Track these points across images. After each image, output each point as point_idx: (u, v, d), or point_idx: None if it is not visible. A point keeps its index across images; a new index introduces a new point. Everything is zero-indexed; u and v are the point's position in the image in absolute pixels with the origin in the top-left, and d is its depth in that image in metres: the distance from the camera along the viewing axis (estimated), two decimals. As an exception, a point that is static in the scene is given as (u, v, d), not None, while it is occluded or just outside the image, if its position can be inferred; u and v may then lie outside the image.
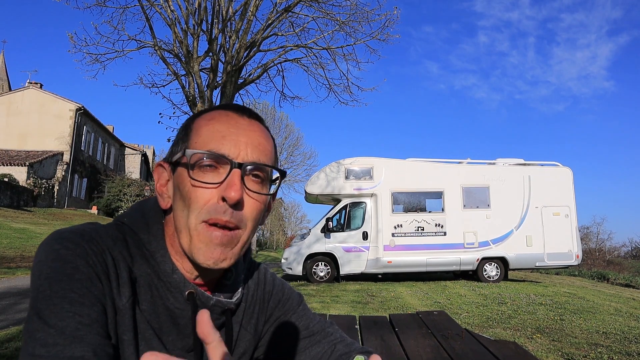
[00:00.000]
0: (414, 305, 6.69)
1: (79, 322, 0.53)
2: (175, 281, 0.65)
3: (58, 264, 0.56)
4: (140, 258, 0.65)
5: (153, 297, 0.64)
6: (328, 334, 0.85)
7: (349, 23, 9.02)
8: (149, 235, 0.67)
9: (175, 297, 0.65)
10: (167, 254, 0.66)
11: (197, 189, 0.61)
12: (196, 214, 0.61)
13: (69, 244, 0.59)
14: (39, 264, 0.57)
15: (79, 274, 0.57)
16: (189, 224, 0.62)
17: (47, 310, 0.53)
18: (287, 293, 0.86)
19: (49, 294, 0.54)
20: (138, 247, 0.66)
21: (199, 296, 0.66)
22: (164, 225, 0.69)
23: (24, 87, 28.04)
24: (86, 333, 0.53)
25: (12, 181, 22.20)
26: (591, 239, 33.78)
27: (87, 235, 0.61)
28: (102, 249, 0.61)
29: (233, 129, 0.64)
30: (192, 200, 0.61)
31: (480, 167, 11.72)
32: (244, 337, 0.77)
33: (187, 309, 0.65)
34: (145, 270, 0.65)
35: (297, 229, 53.21)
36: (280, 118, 28.88)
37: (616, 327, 5.28)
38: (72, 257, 0.58)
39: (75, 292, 0.55)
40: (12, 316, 5.19)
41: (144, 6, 8.30)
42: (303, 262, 10.88)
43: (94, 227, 0.64)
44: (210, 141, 0.63)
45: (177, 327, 0.66)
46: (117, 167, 35.97)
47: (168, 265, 0.65)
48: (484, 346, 1.89)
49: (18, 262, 10.59)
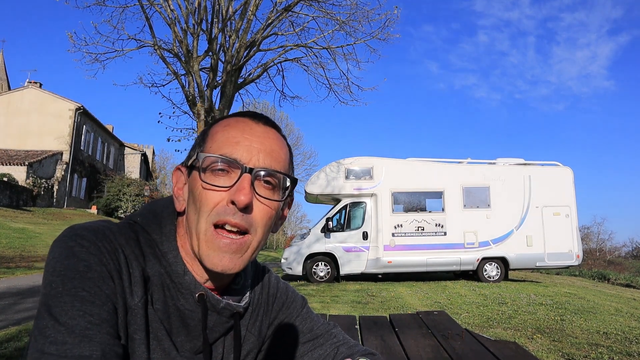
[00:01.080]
0: (414, 305, 6.69)
1: (89, 322, 0.54)
2: (186, 283, 0.65)
3: (71, 262, 0.57)
4: (152, 258, 0.66)
5: (165, 297, 0.65)
6: (331, 337, 0.85)
7: (349, 22, 9.02)
8: (162, 235, 0.67)
9: (186, 299, 0.65)
10: (179, 255, 0.66)
11: (208, 192, 0.62)
12: (206, 217, 0.62)
13: (83, 241, 0.59)
14: (52, 261, 0.58)
15: (91, 272, 0.57)
16: (199, 227, 0.63)
17: (58, 308, 0.54)
18: (291, 296, 0.86)
19: (61, 291, 0.55)
20: (150, 246, 0.66)
21: (209, 299, 0.66)
22: (176, 226, 0.69)
23: (24, 87, 28.03)
24: (96, 333, 0.53)
25: (12, 181, 22.20)
26: (592, 239, 33.81)
27: (100, 232, 0.62)
28: (115, 247, 0.61)
29: (247, 135, 0.66)
30: (203, 203, 0.62)
31: (480, 167, 11.72)
32: (249, 339, 0.77)
33: (197, 311, 0.66)
34: (157, 270, 0.65)
35: (297, 228, 53.20)
36: (280, 118, 28.93)
37: (617, 327, 5.27)
38: (86, 254, 0.58)
39: (87, 290, 0.56)
40: (12, 316, 5.17)
41: (144, 5, 8.29)
42: (303, 262, 10.87)
43: (107, 224, 0.65)
44: (224, 146, 0.64)
45: (187, 328, 0.66)
46: (117, 166, 35.97)
47: (180, 266, 0.66)
48: (484, 346, 1.88)
49: (17, 261, 10.58)
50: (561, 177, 11.44)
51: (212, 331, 0.68)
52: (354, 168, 11.34)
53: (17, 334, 4.11)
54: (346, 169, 11.27)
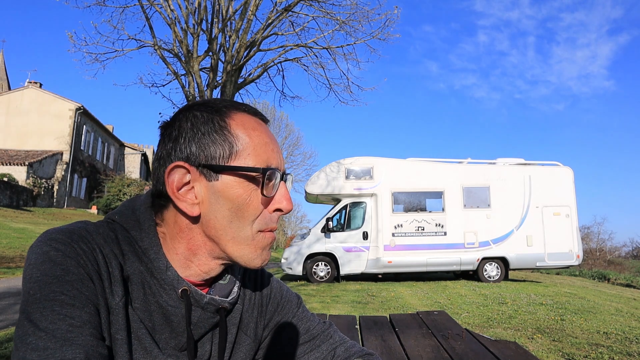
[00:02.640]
0: (414, 305, 6.68)
1: (70, 324, 0.52)
2: (169, 278, 0.64)
3: (47, 266, 0.55)
4: (132, 255, 0.64)
5: (146, 295, 0.63)
6: (328, 337, 0.84)
7: (349, 22, 9.02)
8: (141, 232, 0.66)
9: (168, 295, 0.64)
10: (160, 251, 0.65)
11: (253, 200, 0.63)
12: (252, 225, 0.64)
13: (58, 244, 0.58)
14: (29, 267, 0.56)
15: (69, 276, 0.56)
16: (244, 234, 0.64)
17: (38, 314, 0.52)
18: (286, 295, 0.85)
19: (39, 297, 0.53)
20: (130, 244, 0.64)
21: (193, 294, 0.65)
22: (158, 223, 0.67)
23: (24, 87, 28.01)
24: (77, 335, 0.52)
25: (12, 181, 22.20)
26: (592, 239, 33.76)
27: (76, 234, 0.60)
28: (93, 248, 0.60)
29: (269, 138, 0.66)
30: (249, 212, 0.63)
31: (480, 166, 11.71)
32: (244, 341, 0.76)
33: (180, 307, 0.64)
34: (137, 267, 0.64)
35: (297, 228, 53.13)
36: (280, 118, 28.95)
37: (617, 327, 5.26)
38: (62, 258, 0.57)
39: (66, 294, 0.54)
40: (12, 316, 5.18)
41: (144, 5, 8.30)
42: (303, 262, 10.87)
43: (84, 225, 0.63)
44: (263, 153, 0.64)
45: (170, 325, 0.65)
46: (117, 166, 35.97)
47: (162, 262, 0.64)
48: (484, 346, 1.88)
49: (17, 262, 10.58)
50: (561, 177, 11.43)
51: (196, 327, 0.66)
52: (354, 168, 11.34)
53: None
54: (346, 169, 11.27)
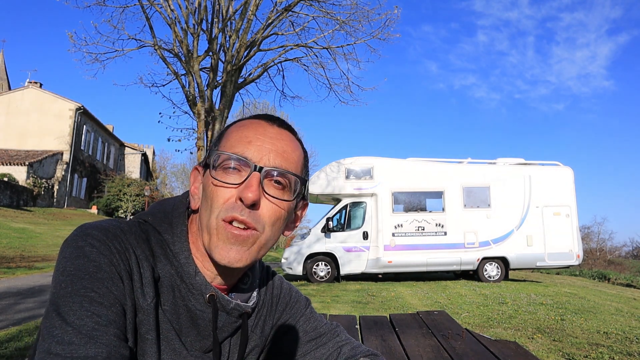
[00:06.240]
0: (415, 305, 6.68)
1: (97, 322, 0.54)
2: (197, 283, 0.66)
3: (81, 262, 0.57)
4: (163, 258, 0.66)
5: (175, 298, 0.66)
6: (334, 336, 0.86)
7: (349, 22, 9.02)
8: (173, 236, 0.68)
9: (196, 299, 0.66)
10: (190, 256, 0.67)
11: (219, 189, 0.64)
12: (216, 213, 0.63)
13: (93, 241, 0.59)
14: (62, 260, 0.58)
15: (101, 273, 0.57)
16: (210, 223, 0.63)
17: (66, 308, 0.54)
18: (295, 297, 0.87)
19: (70, 291, 0.55)
20: (161, 247, 0.67)
21: (220, 299, 0.68)
22: (188, 225, 0.70)
23: (24, 87, 28.04)
24: (102, 334, 0.54)
25: (12, 181, 22.20)
26: (592, 239, 33.76)
27: (111, 232, 0.62)
28: (126, 247, 0.62)
29: (260, 135, 0.67)
30: (214, 200, 0.63)
31: (480, 166, 11.71)
32: (251, 337, 0.77)
33: (207, 311, 0.67)
34: (168, 270, 0.66)
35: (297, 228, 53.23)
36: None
37: (617, 327, 5.26)
38: (96, 255, 0.58)
39: (96, 291, 0.56)
40: (12, 316, 5.17)
41: (144, 5, 8.30)
42: (303, 262, 10.87)
43: (118, 224, 0.65)
44: (237, 145, 0.65)
45: (197, 328, 0.67)
46: (117, 166, 35.97)
47: (192, 267, 0.67)
48: (484, 346, 1.88)
49: (18, 261, 10.58)
50: (561, 177, 11.43)
51: (221, 331, 0.69)
52: (354, 168, 11.33)
53: (18, 334, 4.12)
54: (346, 169, 11.27)
